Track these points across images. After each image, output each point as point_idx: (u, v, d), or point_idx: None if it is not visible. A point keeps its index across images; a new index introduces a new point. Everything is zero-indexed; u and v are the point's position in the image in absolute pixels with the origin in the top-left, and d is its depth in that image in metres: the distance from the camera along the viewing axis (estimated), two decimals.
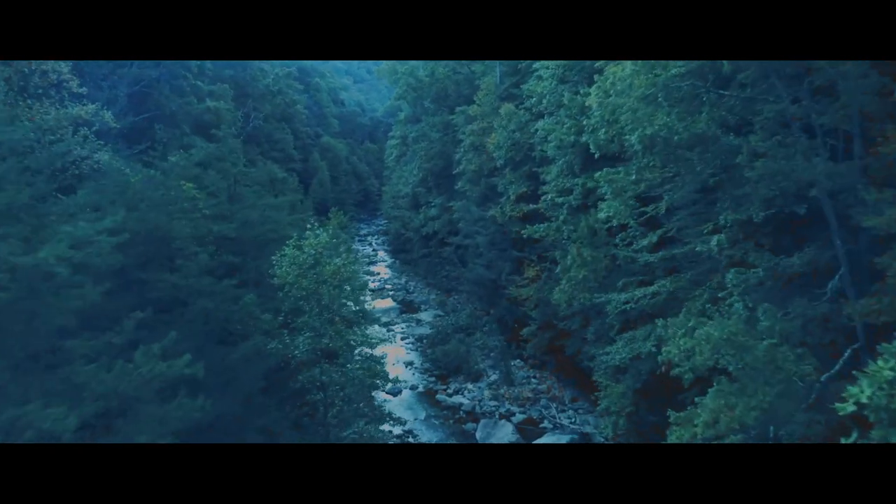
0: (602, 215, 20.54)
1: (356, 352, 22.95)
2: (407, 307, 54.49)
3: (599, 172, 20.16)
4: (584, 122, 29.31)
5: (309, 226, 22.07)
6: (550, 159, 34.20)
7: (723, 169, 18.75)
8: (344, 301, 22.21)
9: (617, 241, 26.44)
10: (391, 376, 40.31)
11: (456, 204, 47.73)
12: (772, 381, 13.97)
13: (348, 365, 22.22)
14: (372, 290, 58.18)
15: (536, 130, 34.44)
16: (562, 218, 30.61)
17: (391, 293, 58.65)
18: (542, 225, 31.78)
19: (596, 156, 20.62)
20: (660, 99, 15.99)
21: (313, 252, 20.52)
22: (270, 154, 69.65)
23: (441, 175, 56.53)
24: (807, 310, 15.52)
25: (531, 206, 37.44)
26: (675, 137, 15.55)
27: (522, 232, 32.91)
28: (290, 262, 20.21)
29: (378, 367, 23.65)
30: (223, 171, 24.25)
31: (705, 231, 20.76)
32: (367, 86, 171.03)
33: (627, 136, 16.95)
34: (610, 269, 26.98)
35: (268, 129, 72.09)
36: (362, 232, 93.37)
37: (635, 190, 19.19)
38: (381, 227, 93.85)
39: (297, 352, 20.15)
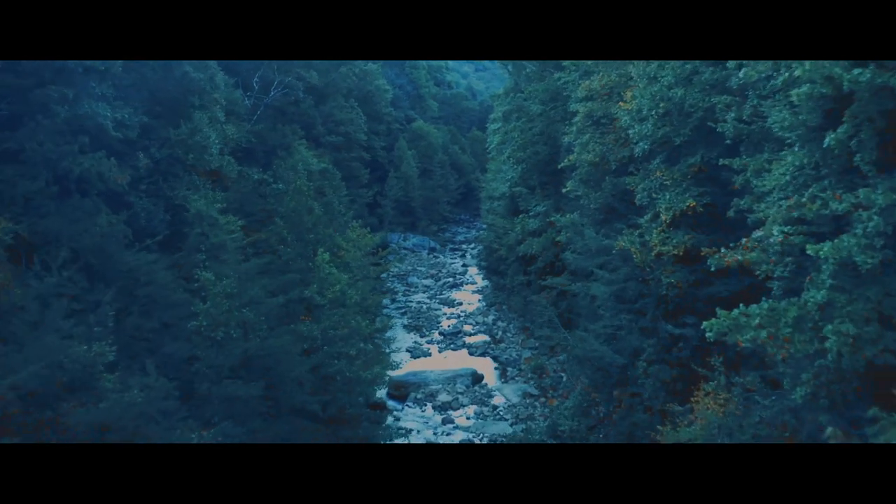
0: None
1: None
2: (485, 366, 35.95)
3: None
4: None
5: None
6: (761, 139, 15.03)
7: None
8: None
9: None
10: None
11: (559, 219, 28.53)
12: None
13: None
14: (443, 334, 40.26)
15: (726, 78, 15.33)
16: (820, 296, 11.12)
17: (468, 340, 40.23)
18: (756, 308, 12.18)
19: None
20: None
21: None
22: (326, 139, 53.18)
23: (545, 170, 37.47)
24: None
25: (709, 236, 18.08)
26: None
27: (705, 328, 13.18)
28: None
29: None
30: None
31: None
32: (489, 74, 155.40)
33: None
34: None
35: (328, 109, 55.73)
36: (458, 238, 75.56)
37: None
38: (482, 232, 75.53)
39: None
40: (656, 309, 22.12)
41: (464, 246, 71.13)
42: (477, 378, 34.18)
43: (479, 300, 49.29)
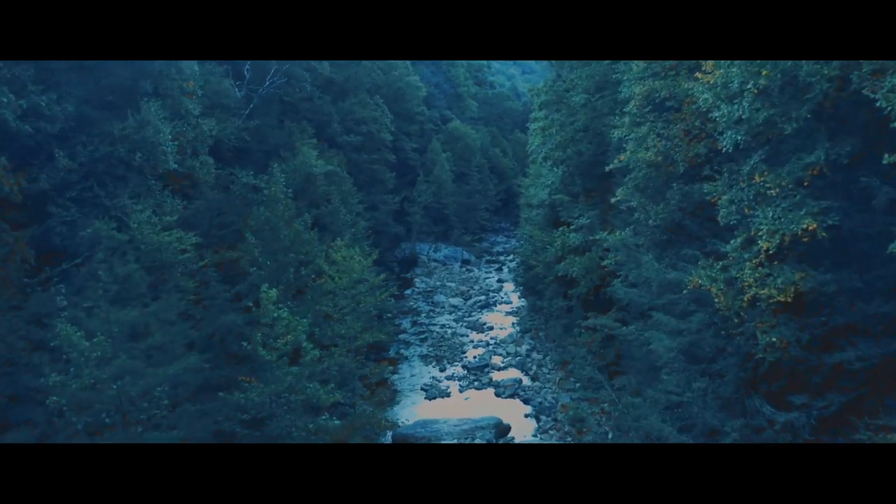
0: None
1: None
2: (513, 413, 29.49)
3: None
4: None
5: None
6: None
7: None
8: None
9: None
10: None
11: (607, 237, 21.91)
12: None
13: None
14: (467, 368, 34.08)
15: None
16: None
17: (496, 377, 33.74)
18: None
19: None
20: None
21: None
22: (343, 138, 47.46)
23: (590, 174, 30.88)
24: None
25: (834, 275, 11.46)
26: None
27: None
28: None
29: None
30: None
31: None
32: (536, 77, 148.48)
33: None
34: None
35: (348, 105, 50.13)
36: (496, 249, 69.04)
37: None
38: (522, 243, 68.87)
39: None
40: (740, 371, 15.47)
41: (501, 258, 64.53)
42: (502, 430, 27.70)
43: (513, 324, 42.77)
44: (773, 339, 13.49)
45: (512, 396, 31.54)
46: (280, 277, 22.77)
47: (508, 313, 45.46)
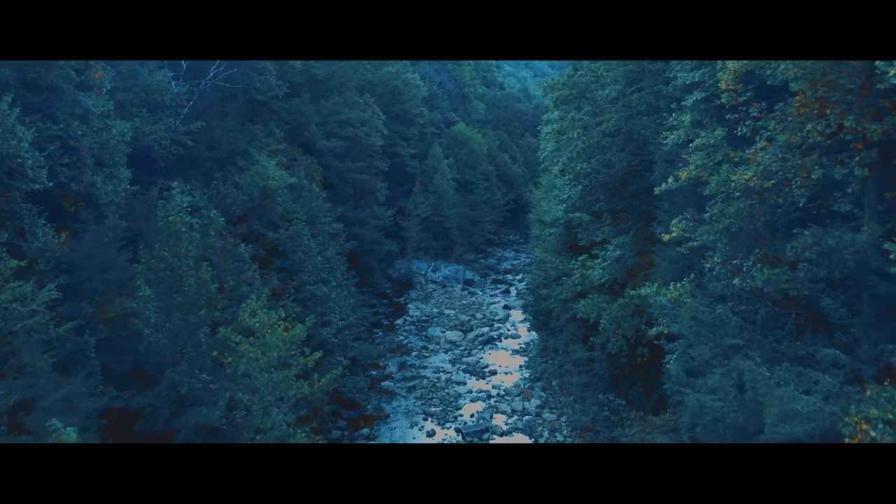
0: None
1: None
2: None
3: None
4: None
5: None
6: None
7: None
8: None
9: None
10: None
11: (656, 296, 14.74)
12: None
13: None
14: (461, 432, 27.37)
15: None
16: None
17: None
18: None
19: None
20: None
21: None
22: (321, 143, 40.54)
23: (621, 192, 23.98)
24: None
25: None
26: None
27: None
28: None
29: None
30: None
31: None
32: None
33: None
34: None
35: (331, 105, 43.28)
36: (503, 266, 61.88)
37: None
38: (533, 262, 61.66)
39: None
40: None
41: (509, 276, 57.42)
42: None
43: (521, 367, 35.70)
44: None
45: None
46: (185, 343, 15.93)
47: (516, 352, 38.32)
